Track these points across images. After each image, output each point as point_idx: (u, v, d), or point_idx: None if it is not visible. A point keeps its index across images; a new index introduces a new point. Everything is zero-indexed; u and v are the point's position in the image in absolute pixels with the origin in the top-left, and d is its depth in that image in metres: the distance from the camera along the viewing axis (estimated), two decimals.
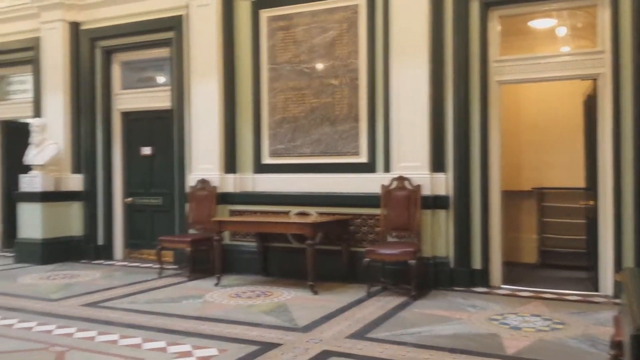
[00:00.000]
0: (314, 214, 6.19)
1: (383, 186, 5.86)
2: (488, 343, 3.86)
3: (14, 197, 8.01)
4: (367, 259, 5.41)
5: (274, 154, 6.78)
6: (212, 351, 3.73)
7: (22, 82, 9.02)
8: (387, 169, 6.06)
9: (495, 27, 5.85)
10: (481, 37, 5.74)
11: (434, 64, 5.83)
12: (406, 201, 5.73)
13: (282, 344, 3.86)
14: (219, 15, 6.85)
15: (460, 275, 5.70)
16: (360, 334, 4.10)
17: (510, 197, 6.70)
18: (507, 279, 5.85)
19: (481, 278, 5.69)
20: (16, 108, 8.96)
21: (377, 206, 5.90)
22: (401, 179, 5.80)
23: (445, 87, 5.84)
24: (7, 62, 8.85)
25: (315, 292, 5.48)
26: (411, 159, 5.86)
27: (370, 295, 5.36)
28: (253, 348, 3.78)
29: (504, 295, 5.39)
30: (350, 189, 6.20)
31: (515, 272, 6.15)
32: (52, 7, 7.92)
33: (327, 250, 5.97)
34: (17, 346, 3.95)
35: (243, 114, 6.90)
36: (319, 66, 6.53)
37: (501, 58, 5.84)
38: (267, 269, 6.51)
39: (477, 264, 5.71)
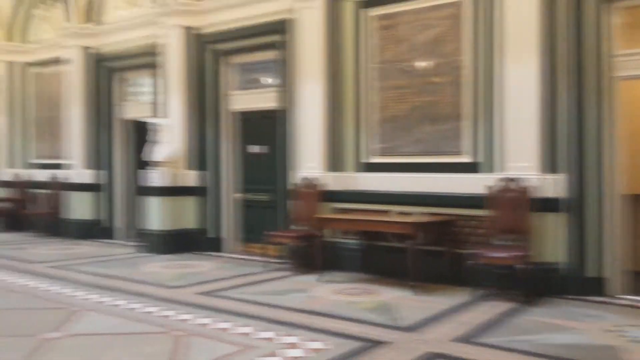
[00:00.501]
0: (415, 213, 6.17)
1: (488, 187, 5.70)
2: (605, 355, 3.67)
3: (137, 191, 8.72)
4: (472, 262, 5.30)
5: (375, 152, 6.83)
6: (319, 344, 3.86)
7: (144, 84, 9.76)
8: (491, 169, 5.89)
9: (614, 19, 5.47)
10: (598, 30, 5.39)
11: (545, 58, 5.56)
12: (513, 203, 5.53)
13: (386, 342, 3.92)
14: (324, 16, 6.99)
15: (573, 282, 5.42)
16: (465, 338, 4.05)
17: (633, 201, 6.24)
18: (628, 289, 5.46)
19: (597, 287, 5.36)
20: (140, 108, 9.71)
21: (481, 207, 5.75)
22: (508, 179, 5.61)
23: (557, 82, 5.55)
24: (132, 66, 9.62)
25: (417, 293, 5.47)
26: (519, 159, 5.65)
27: (475, 299, 5.25)
28: (358, 344, 3.87)
29: (623, 305, 5.05)
30: (453, 189, 6.09)
31: (636, 281, 5.73)
32: (171, 14, 8.47)
33: (429, 251, 5.92)
34: (141, 329, 4.33)
35: (346, 113, 7.01)
36: (421, 64, 6.48)
37: (622, 52, 5.45)
38: (368, 267, 6.57)
39: (592, 271, 5.39)
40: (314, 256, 6.50)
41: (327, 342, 3.91)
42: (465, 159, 6.16)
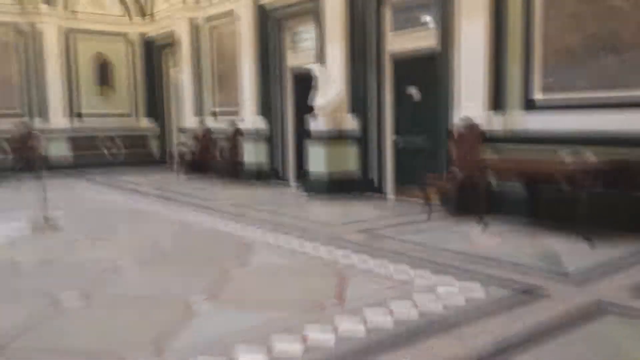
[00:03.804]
0: (590, 155, 5.65)
1: None
2: None
3: (304, 136, 9.21)
4: None
5: (544, 89, 6.32)
6: (476, 287, 3.85)
7: (307, 31, 10.06)
8: None
9: None
10: None
11: None
12: None
13: (551, 291, 3.76)
14: None
15: None
16: None
17: None
18: None
19: None
20: (303, 56, 10.09)
21: None
22: None
23: None
24: (296, 15, 9.98)
25: (590, 241, 5.09)
26: None
27: None
28: (519, 291, 3.78)
29: None
30: (637, 128, 5.45)
31: None
32: None
33: (605, 197, 5.43)
34: (308, 264, 4.69)
35: (511, 48, 6.53)
36: None
37: None
38: (534, 214, 6.23)
39: None
40: (474, 201, 6.35)
41: (486, 285, 3.89)
42: None
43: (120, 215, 7.31)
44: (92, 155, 14.11)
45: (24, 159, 12.16)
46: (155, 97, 14.83)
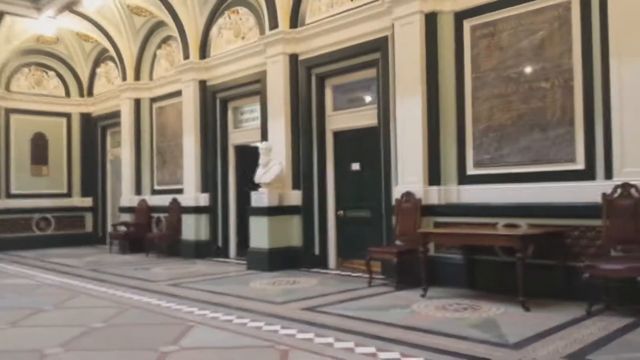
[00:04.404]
0: (523, 225, 5.89)
1: (604, 195, 5.32)
2: None
3: (246, 211, 9.16)
4: (587, 275, 4.95)
5: (479, 164, 6.63)
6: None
7: (251, 111, 10.31)
8: (608, 176, 5.49)
9: None
10: None
11: None
12: (633, 211, 5.11)
13: None
14: (421, 31, 6.94)
15: None
16: (578, 355, 3.79)
17: None
18: None
19: None
20: (248, 134, 10.28)
21: (597, 217, 5.38)
22: (626, 186, 5.20)
23: None
24: (240, 94, 10.24)
25: (527, 309, 5.19)
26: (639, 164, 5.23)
27: (590, 315, 4.90)
28: None
29: None
30: (565, 199, 5.76)
31: None
32: (275, 42, 8.90)
33: (539, 265, 5.62)
34: (249, 342, 4.49)
35: (446, 126, 6.90)
36: (527, 70, 6.23)
37: None
38: (473, 283, 6.36)
39: None
40: (416, 271, 6.41)
41: (430, 358, 3.83)
42: (577, 166, 5.84)
43: (51, 297, 6.86)
44: (23, 236, 13.43)
45: None
46: (93, 175, 14.46)
